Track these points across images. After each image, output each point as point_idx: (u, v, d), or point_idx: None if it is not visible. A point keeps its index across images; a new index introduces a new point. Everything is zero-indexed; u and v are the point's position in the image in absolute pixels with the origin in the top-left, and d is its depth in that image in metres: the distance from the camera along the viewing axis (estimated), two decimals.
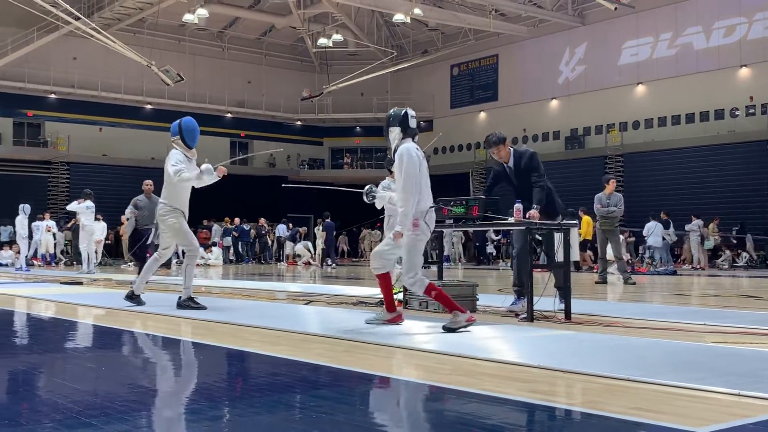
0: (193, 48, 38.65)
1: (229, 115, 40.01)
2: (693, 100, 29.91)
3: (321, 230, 26.96)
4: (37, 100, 34.97)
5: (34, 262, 24.42)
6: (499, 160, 7.73)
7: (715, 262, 24.99)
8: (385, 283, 6.39)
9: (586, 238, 20.49)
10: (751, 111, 28.75)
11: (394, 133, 6.28)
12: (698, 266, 23.47)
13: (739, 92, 29.02)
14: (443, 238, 12.26)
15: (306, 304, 8.79)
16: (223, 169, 7.98)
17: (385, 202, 7.25)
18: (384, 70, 36.36)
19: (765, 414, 3.18)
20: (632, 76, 32.34)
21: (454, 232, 25.24)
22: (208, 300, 8.68)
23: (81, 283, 13.18)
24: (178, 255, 19.53)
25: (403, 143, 6.21)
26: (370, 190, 7.11)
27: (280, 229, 31.12)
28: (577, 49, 34.43)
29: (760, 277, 17.75)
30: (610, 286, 13.14)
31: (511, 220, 7.05)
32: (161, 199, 8.15)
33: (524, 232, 7.05)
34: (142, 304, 8.27)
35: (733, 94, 29.04)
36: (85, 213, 17.99)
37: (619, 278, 14.21)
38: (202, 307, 7.84)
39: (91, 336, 6.62)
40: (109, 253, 27.26)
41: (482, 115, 38.44)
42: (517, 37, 36.00)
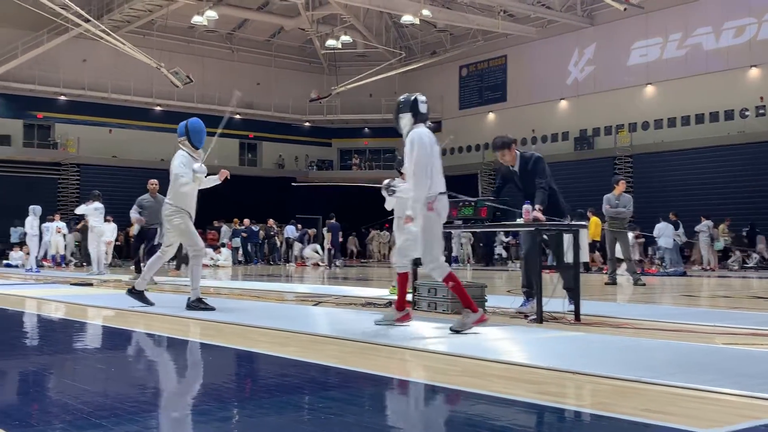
0: (202, 50, 38.77)
1: (238, 117, 40.08)
2: (703, 101, 29.80)
3: (327, 231, 26.97)
4: (47, 101, 35.14)
5: (45, 263, 24.49)
6: (504, 164, 7.73)
7: (725, 263, 24.89)
8: (402, 281, 6.39)
9: (595, 239, 20.46)
10: (761, 111, 28.62)
11: (405, 119, 6.23)
12: (708, 267, 23.38)
13: (749, 93, 28.89)
14: (452, 239, 12.23)
15: (315, 305, 8.79)
16: (226, 172, 8.13)
17: (406, 196, 7.03)
18: (392, 72, 36.39)
19: None
20: (641, 76, 32.23)
21: (463, 233, 25.21)
22: (217, 301, 8.70)
23: (91, 285, 13.21)
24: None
25: (415, 128, 6.16)
26: (389, 185, 6.99)
27: (289, 230, 31.16)
28: (586, 50, 34.35)
29: None
30: (619, 288, 13.10)
31: (520, 221, 7.04)
32: (167, 200, 8.17)
33: (533, 233, 7.04)
34: (151, 305, 8.28)
35: (743, 95, 28.92)
36: (94, 214, 18.00)
37: (628, 279, 14.17)
38: (211, 308, 7.84)
39: (100, 337, 6.63)
40: (119, 254, 27.33)
41: (491, 116, 38.40)
42: (526, 37, 35.95)
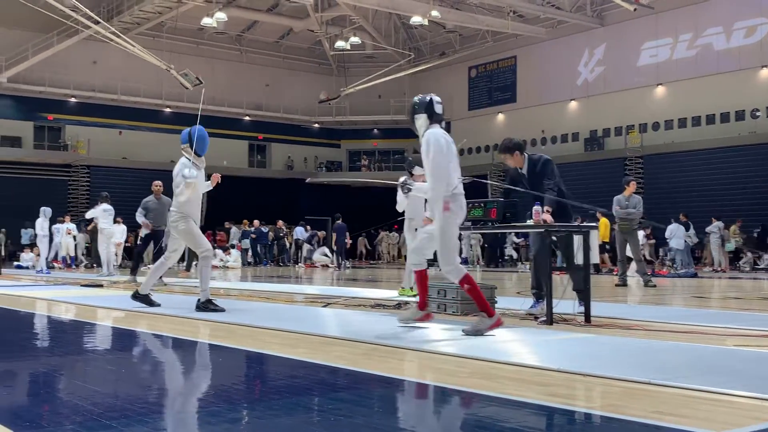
0: (212, 51, 38.87)
1: (247, 118, 40.19)
2: (713, 101, 29.67)
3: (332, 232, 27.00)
4: (57, 103, 35.29)
5: (55, 264, 24.60)
6: (514, 166, 7.72)
7: (736, 264, 24.78)
8: (421, 279, 6.38)
9: (604, 240, 20.41)
10: None
11: (421, 120, 6.20)
12: (719, 268, 23.29)
13: (760, 93, 28.73)
14: (461, 240, 12.21)
15: (324, 306, 8.78)
16: (217, 176, 8.39)
17: (421, 194, 6.98)
18: (401, 73, 36.36)
19: None
20: (652, 77, 32.12)
21: (473, 234, 25.17)
22: (227, 302, 8.71)
23: (101, 286, 13.25)
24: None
25: (430, 129, 6.14)
26: (405, 182, 6.90)
27: (298, 232, 31.19)
28: (596, 50, 34.25)
29: None
30: (630, 289, 13.05)
31: (530, 223, 7.01)
32: (172, 207, 8.29)
33: (542, 235, 7.02)
34: (156, 305, 8.32)
35: (754, 95, 28.77)
36: (103, 215, 18.03)
37: (639, 281, 14.12)
38: (221, 309, 7.86)
39: (110, 338, 6.65)
40: (129, 256, 27.38)
41: (500, 117, 38.34)
42: (536, 38, 35.88)
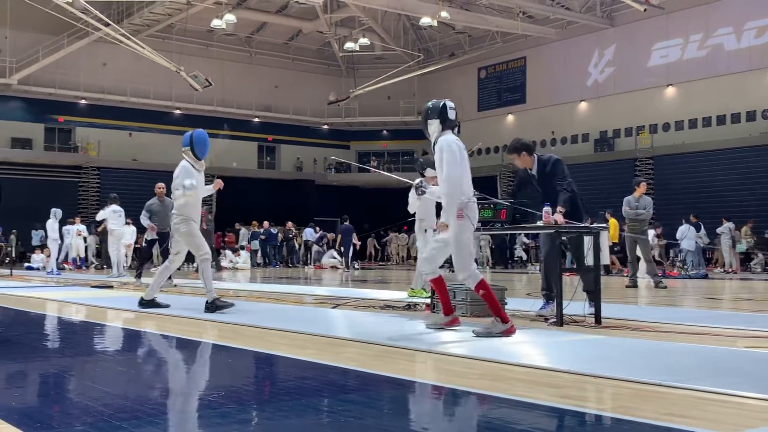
0: (221, 53, 38.97)
1: (257, 120, 40.26)
2: (724, 102, 29.55)
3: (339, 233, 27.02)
4: (67, 105, 35.44)
5: (65, 265, 24.69)
6: (521, 166, 7.69)
7: (747, 265, 24.68)
8: (439, 287, 6.35)
9: (613, 241, 20.33)
10: None
11: (434, 125, 6.16)
12: (730, 270, 23.19)
13: None
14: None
15: (333, 307, 8.78)
16: (219, 182, 8.73)
17: (435, 198, 6.82)
18: (411, 74, 36.36)
19: None
20: (662, 77, 32.01)
21: (482, 235, 25.12)
22: (236, 303, 8.71)
23: (111, 287, 13.29)
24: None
25: (443, 135, 6.11)
26: (420, 184, 6.83)
27: (308, 233, 31.23)
28: (605, 51, 34.17)
29: None
30: (640, 290, 13.01)
31: (540, 224, 6.99)
32: (174, 210, 8.37)
33: (552, 236, 7.00)
34: (165, 307, 8.34)
35: (765, 96, 28.63)
36: (112, 217, 18.05)
37: (649, 282, 14.07)
38: (230, 305, 7.96)
39: (120, 339, 6.66)
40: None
41: (510, 118, 38.28)
42: (545, 39, 35.82)
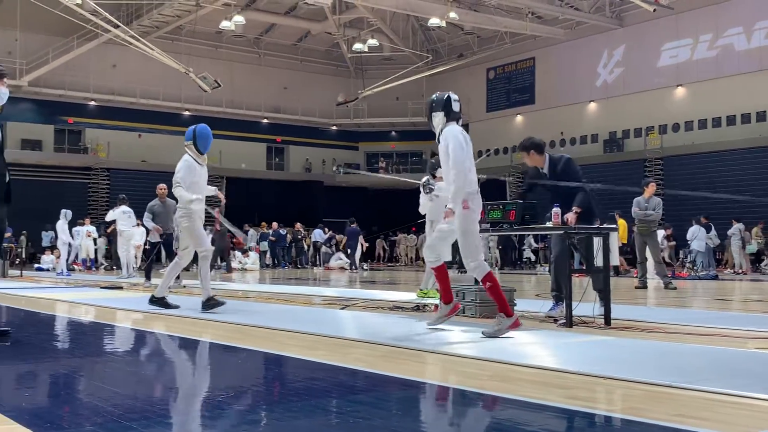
0: (230, 54, 39.05)
1: (266, 121, 40.32)
2: (734, 102, 29.43)
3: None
4: (77, 107, 35.55)
5: (75, 266, 24.78)
6: (531, 165, 7.68)
7: (757, 266, 24.58)
8: (441, 275, 6.36)
9: (622, 242, 20.28)
10: None
11: (438, 117, 6.22)
12: (740, 271, 23.11)
13: None
14: None
15: (342, 308, 8.78)
16: (223, 200, 8.98)
17: (443, 193, 6.74)
18: (419, 75, 36.35)
19: None
20: (672, 78, 31.90)
21: (491, 236, 25.06)
22: (245, 304, 8.73)
23: (121, 288, 13.32)
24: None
25: (448, 126, 6.15)
26: (427, 182, 6.82)
27: (317, 234, 31.26)
28: (615, 51, 34.08)
29: None
30: (650, 291, 12.97)
31: (550, 225, 6.98)
32: (179, 204, 8.30)
33: (562, 237, 6.98)
34: (175, 308, 8.31)
35: None
36: (122, 218, 18.11)
37: (659, 283, 14.03)
38: (222, 303, 7.92)
39: (130, 340, 6.68)
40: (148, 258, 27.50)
41: (519, 119, 38.23)
42: (554, 39, 35.75)
